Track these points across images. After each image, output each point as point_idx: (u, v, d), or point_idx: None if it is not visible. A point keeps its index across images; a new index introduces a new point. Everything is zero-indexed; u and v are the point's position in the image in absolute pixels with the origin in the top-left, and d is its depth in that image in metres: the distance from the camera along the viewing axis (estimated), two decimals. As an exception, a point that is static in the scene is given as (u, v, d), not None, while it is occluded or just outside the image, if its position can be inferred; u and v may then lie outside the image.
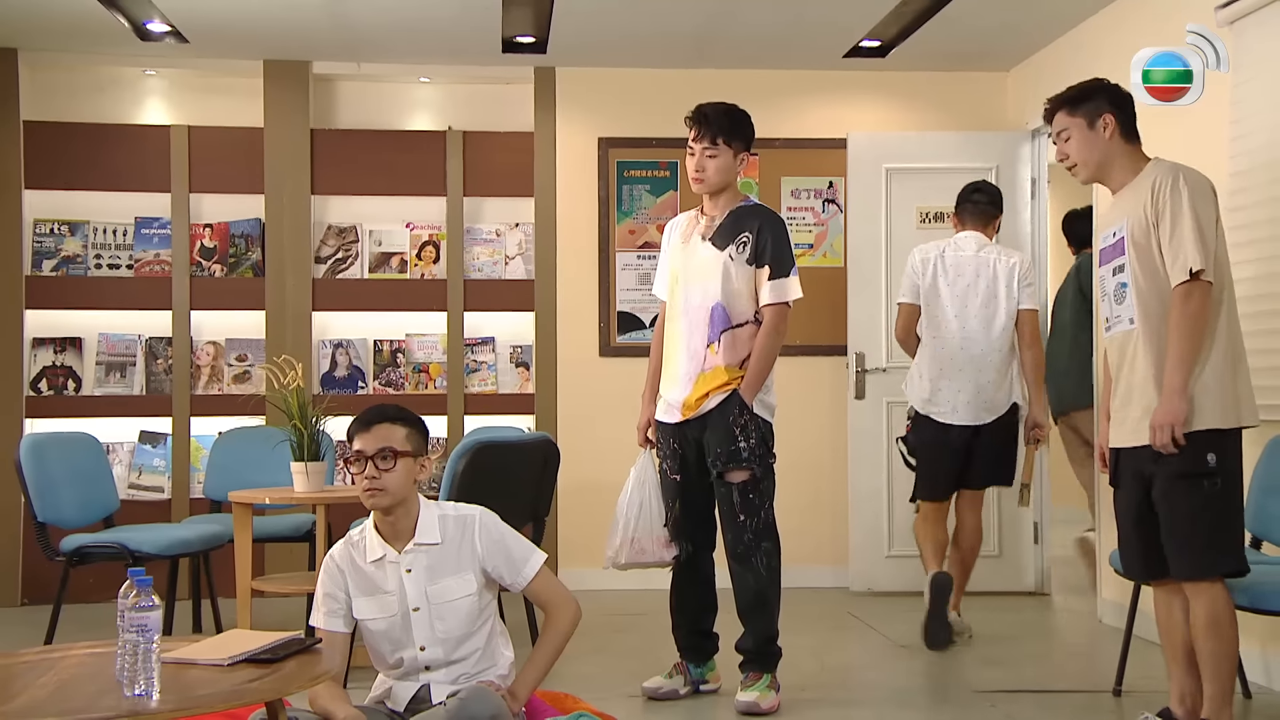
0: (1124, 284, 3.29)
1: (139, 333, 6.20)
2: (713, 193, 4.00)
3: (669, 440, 4.04)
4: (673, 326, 4.04)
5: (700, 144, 3.95)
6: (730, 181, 4.00)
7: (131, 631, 2.25)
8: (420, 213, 6.38)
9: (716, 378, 3.92)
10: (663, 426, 4.05)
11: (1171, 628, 3.37)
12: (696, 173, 3.97)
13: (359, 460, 2.89)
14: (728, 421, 3.90)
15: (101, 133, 6.13)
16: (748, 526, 3.94)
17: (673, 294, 4.06)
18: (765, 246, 3.92)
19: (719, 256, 3.94)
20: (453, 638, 2.96)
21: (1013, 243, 6.04)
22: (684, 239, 4.07)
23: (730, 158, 3.95)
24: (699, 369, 3.94)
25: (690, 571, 4.09)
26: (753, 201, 4.12)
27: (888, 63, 6.14)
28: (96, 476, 5.03)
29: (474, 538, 2.98)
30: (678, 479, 4.02)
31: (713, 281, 3.93)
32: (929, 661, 4.66)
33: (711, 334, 3.92)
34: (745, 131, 3.99)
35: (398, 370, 6.34)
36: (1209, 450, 3.17)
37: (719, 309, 3.92)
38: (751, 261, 3.92)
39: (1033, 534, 6.03)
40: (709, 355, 3.93)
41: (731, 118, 3.96)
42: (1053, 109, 3.45)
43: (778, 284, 3.93)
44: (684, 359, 3.97)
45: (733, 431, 3.89)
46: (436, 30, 5.71)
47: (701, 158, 3.95)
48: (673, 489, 4.03)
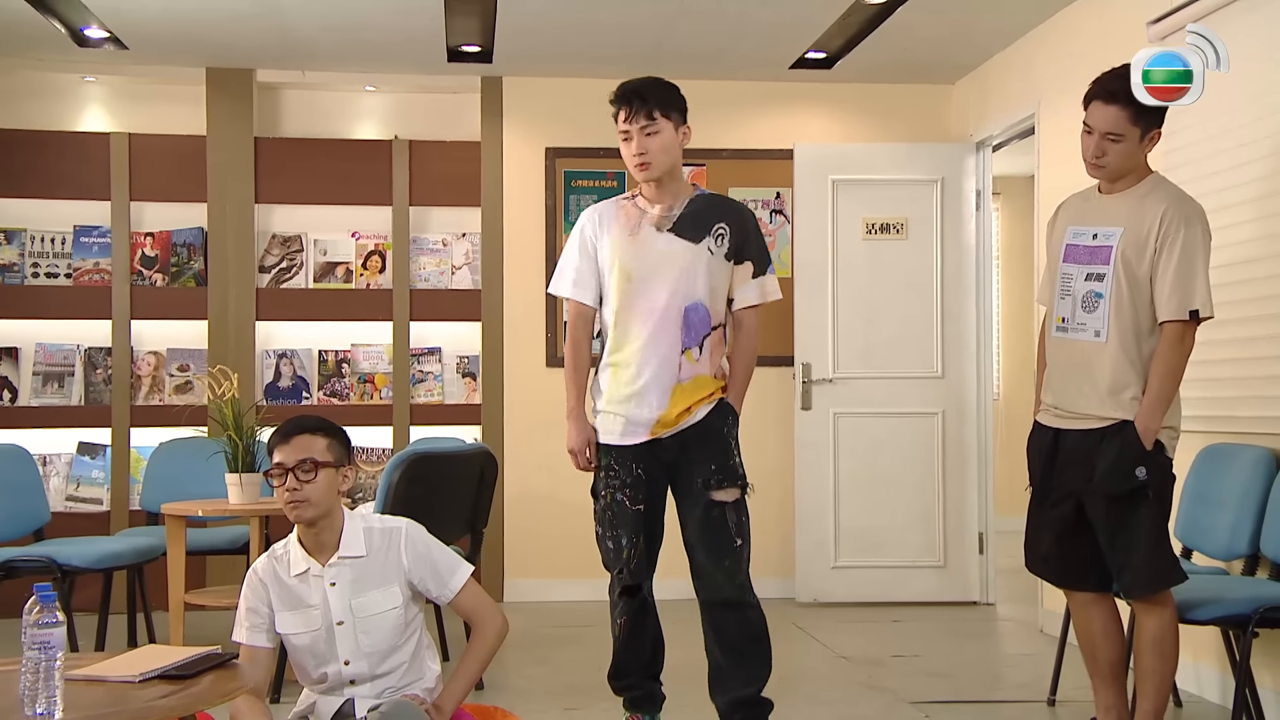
0: (1099, 294, 3.24)
1: (78, 342, 6.11)
2: (660, 176, 3.45)
3: (629, 465, 3.47)
4: (626, 331, 3.47)
5: (635, 124, 3.40)
6: (677, 161, 3.47)
7: (34, 648, 2.20)
8: (366, 222, 6.34)
9: (700, 388, 3.44)
10: (618, 451, 3.48)
11: (1091, 640, 3.37)
12: (639, 156, 3.41)
13: (280, 473, 2.85)
14: (723, 433, 3.45)
15: (39, 139, 6.04)
16: (744, 554, 3.44)
17: (621, 293, 3.46)
18: (746, 240, 3.48)
19: (694, 250, 3.42)
20: (378, 651, 2.92)
21: (957, 254, 6.09)
22: (628, 229, 3.49)
23: (672, 132, 3.43)
24: (674, 379, 3.41)
25: (643, 613, 3.58)
26: (706, 191, 3.61)
27: (834, 74, 6.17)
28: (27, 488, 4.94)
29: (400, 550, 2.94)
30: (641, 509, 3.47)
31: (688, 278, 3.41)
32: (869, 673, 4.66)
33: (688, 338, 3.41)
34: (680, 101, 3.48)
35: (343, 380, 6.28)
36: (1141, 464, 3.18)
37: (699, 310, 3.42)
38: (731, 256, 3.46)
39: (978, 544, 6.07)
40: (686, 363, 3.41)
41: (663, 87, 3.47)
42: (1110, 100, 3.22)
43: (762, 282, 3.51)
44: (653, 368, 3.42)
45: (728, 445, 3.45)
46: (381, 39, 5.68)
47: (640, 138, 3.40)
48: (633, 522, 3.47)
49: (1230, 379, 4.02)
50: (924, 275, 6.08)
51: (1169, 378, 3.18)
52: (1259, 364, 3.92)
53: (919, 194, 6.10)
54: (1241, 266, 3.94)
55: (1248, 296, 3.91)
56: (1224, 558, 3.90)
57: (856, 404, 5.97)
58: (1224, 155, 4.07)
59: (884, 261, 6.07)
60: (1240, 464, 3.86)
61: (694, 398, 3.43)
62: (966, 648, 5.18)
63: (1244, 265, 3.94)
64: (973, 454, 6.09)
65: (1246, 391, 3.98)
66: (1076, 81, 3.42)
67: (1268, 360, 3.87)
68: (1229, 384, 4.03)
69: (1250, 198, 3.97)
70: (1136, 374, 3.21)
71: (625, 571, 3.51)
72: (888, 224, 6.10)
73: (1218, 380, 4.02)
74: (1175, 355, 3.17)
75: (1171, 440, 3.23)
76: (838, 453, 6.00)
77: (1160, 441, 3.20)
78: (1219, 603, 3.39)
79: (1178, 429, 3.26)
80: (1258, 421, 3.91)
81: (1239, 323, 3.90)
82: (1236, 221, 3.96)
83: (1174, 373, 3.18)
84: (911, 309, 6.06)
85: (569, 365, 3.59)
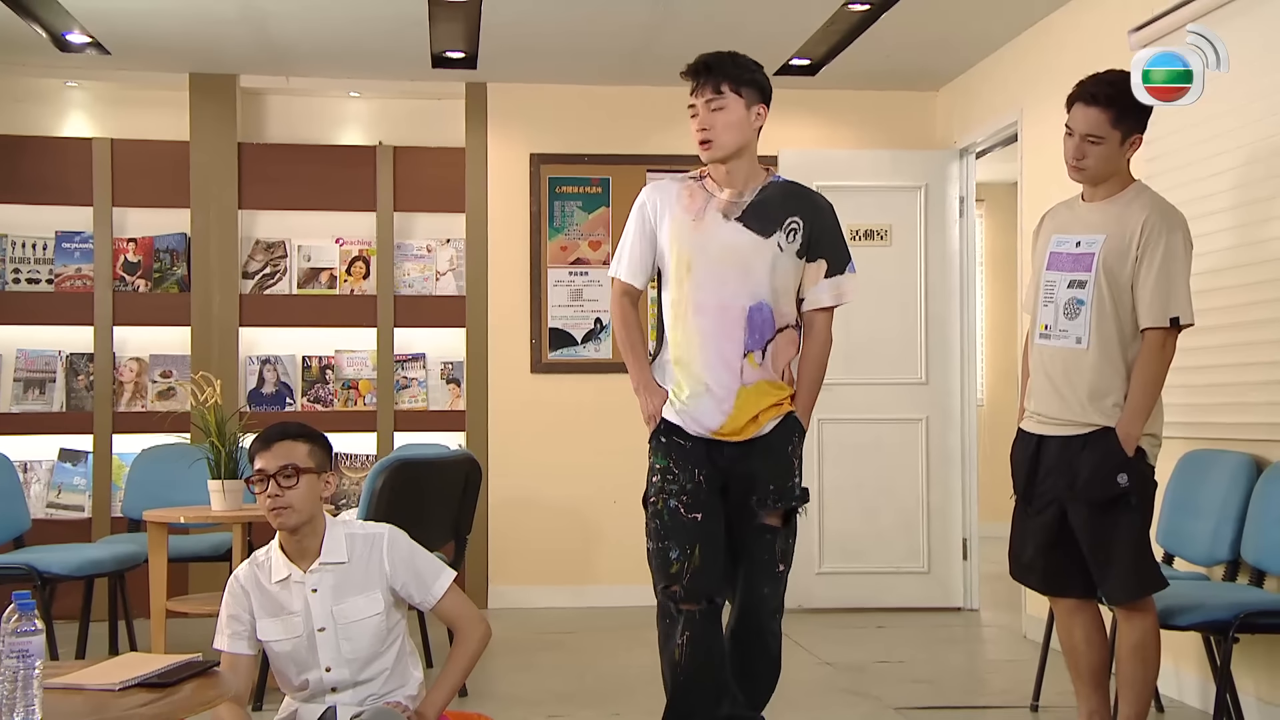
0: (1081, 301, 3.25)
1: (59, 348, 6.08)
2: (726, 158, 3.14)
3: (690, 470, 3.14)
4: (685, 323, 3.16)
5: (702, 97, 3.12)
6: (747, 143, 3.15)
7: (12, 657, 2.18)
8: (350, 228, 6.32)
9: (765, 395, 3.13)
10: (679, 452, 3.15)
11: (1074, 647, 3.38)
12: (702, 133, 3.12)
13: (261, 479, 2.84)
14: (787, 452, 3.16)
15: (20, 144, 6.02)
16: (783, 581, 3.20)
17: (681, 283, 3.16)
18: (821, 235, 3.16)
19: (763, 244, 3.12)
20: (360, 658, 2.91)
21: (940, 261, 6.11)
22: (691, 214, 3.18)
23: (742, 110, 3.11)
24: (738, 383, 3.12)
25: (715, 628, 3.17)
26: (783, 178, 3.26)
27: (818, 81, 6.19)
28: (6, 495, 4.91)
29: (382, 556, 2.93)
30: (698, 518, 3.13)
31: (755, 275, 3.11)
32: (852, 679, 4.66)
33: (751, 341, 3.12)
34: (756, 79, 3.17)
35: (326, 387, 6.26)
36: (1122, 470, 3.19)
37: (764, 310, 3.12)
38: (803, 254, 3.15)
39: (962, 550, 6.08)
40: (749, 367, 3.12)
41: (737, 62, 3.17)
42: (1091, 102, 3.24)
43: (836, 282, 3.18)
44: (714, 366, 3.12)
45: (791, 464, 3.17)
46: (365, 45, 5.67)
47: (705, 113, 3.11)
48: (687, 531, 3.12)
49: (1210, 385, 4.04)
50: (908, 281, 6.09)
51: (1150, 385, 3.19)
52: (1239, 370, 3.94)
53: (903, 200, 6.12)
54: (1221, 274, 3.96)
55: (1227, 304, 3.93)
56: (1205, 563, 3.91)
57: (840, 410, 5.97)
58: (1203, 164, 4.10)
59: (868, 268, 5.92)
60: (1221, 470, 3.88)
61: (760, 405, 3.12)
62: (950, 654, 5.18)
63: (1224, 272, 3.96)
64: (956, 460, 6.10)
65: (1227, 398, 4.01)
66: (1059, 89, 3.43)
67: (1247, 367, 3.90)
68: (1209, 390, 4.05)
69: (1229, 205, 4.00)
70: (1118, 381, 3.22)
71: (679, 587, 3.12)
72: (872, 230, 6.11)
73: (1198, 387, 4.04)
74: (1156, 362, 3.19)
75: (1153, 447, 3.24)
76: (822, 459, 6.00)
77: (1142, 448, 3.21)
78: (1200, 608, 3.40)
79: (1159, 436, 3.27)
80: (1238, 428, 3.93)
81: (1219, 329, 3.92)
82: (1216, 229, 3.98)
83: (1155, 380, 3.20)
84: (895, 315, 6.08)
85: (624, 342, 3.28)
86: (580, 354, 6.28)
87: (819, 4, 5.10)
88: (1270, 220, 3.84)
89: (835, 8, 5.12)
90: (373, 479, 4.24)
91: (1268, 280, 3.81)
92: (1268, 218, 3.85)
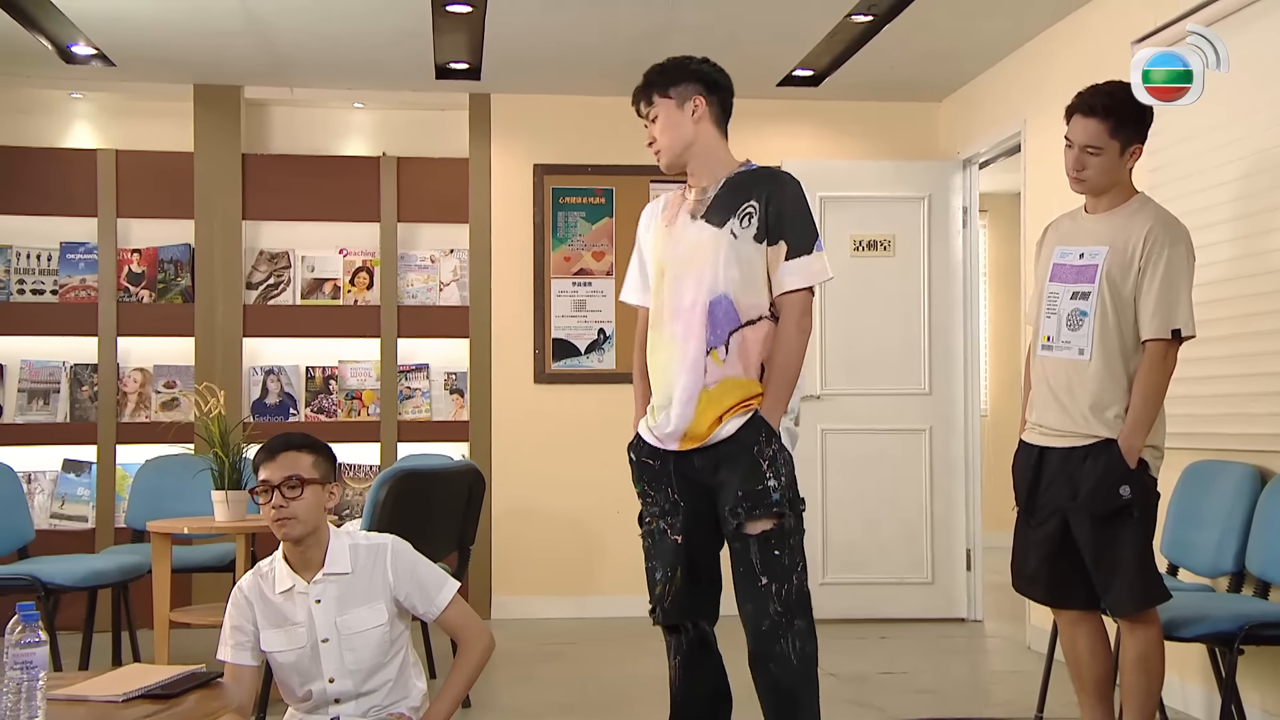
0: (1084, 312, 3.24)
1: (63, 359, 6.09)
2: (676, 160, 3.11)
3: (664, 489, 3.05)
4: (660, 333, 3.08)
5: (643, 116, 3.15)
6: (691, 139, 3.07)
7: (16, 668, 2.18)
8: (354, 238, 6.34)
9: (728, 395, 2.96)
10: (650, 473, 3.08)
11: (1077, 658, 3.37)
12: (650, 146, 3.14)
13: (265, 490, 2.84)
14: (752, 453, 2.93)
15: (25, 155, 6.04)
16: (773, 595, 2.93)
17: (658, 292, 3.10)
18: (778, 215, 2.98)
19: (718, 234, 3.00)
20: (363, 669, 2.91)
21: (944, 272, 6.12)
22: (665, 221, 3.13)
23: (674, 110, 3.07)
24: (700, 385, 2.97)
25: (703, 652, 3.10)
26: (752, 165, 3.12)
27: (821, 92, 6.20)
28: (10, 506, 4.91)
29: (385, 567, 2.94)
30: (679, 540, 3.04)
31: (710, 268, 2.98)
32: (856, 690, 4.65)
33: (713, 337, 2.97)
34: (678, 74, 3.12)
35: (330, 397, 6.27)
36: (1124, 482, 3.19)
37: (723, 303, 2.97)
38: (761, 237, 2.98)
39: (965, 561, 6.07)
40: (712, 365, 2.96)
41: (663, 68, 3.14)
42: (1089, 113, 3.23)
43: (798, 264, 2.98)
44: (679, 373, 2.99)
45: (759, 466, 2.93)
46: (369, 56, 5.68)
47: (650, 130, 3.12)
48: (670, 553, 3.04)
49: (1214, 396, 4.04)
50: (911, 292, 6.10)
51: (1152, 396, 3.19)
52: (1242, 381, 3.94)
53: (906, 211, 6.12)
54: (1225, 284, 3.96)
55: (1231, 314, 3.94)
56: (1209, 575, 3.91)
57: (844, 420, 5.97)
58: (1206, 175, 4.10)
59: (871, 278, 6.09)
60: (1225, 481, 3.87)
61: (722, 406, 2.96)
62: (954, 664, 5.18)
63: (1227, 283, 3.96)
64: (960, 470, 6.10)
65: (1230, 409, 4.00)
66: (1062, 99, 3.43)
67: (1251, 378, 3.89)
68: (1213, 401, 4.05)
69: (1232, 216, 4.00)
70: (1120, 392, 3.22)
71: (658, 609, 3.08)
72: (875, 241, 6.12)
73: (1202, 398, 4.03)
74: (1158, 374, 3.19)
75: (1155, 459, 3.24)
76: (825, 469, 6.00)
77: (1144, 460, 3.21)
78: (1205, 620, 3.39)
79: (1161, 448, 3.26)
80: (1242, 439, 3.92)
81: (1223, 340, 3.92)
82: (1219, 240, 3.98)
83: (1157, 391, 3.19)
84: (899, 325, 6.08)
85: (635, 372, 3.21)
86: (584, 364, 6.29)
87: (822, 15, 5.12)
88: (1273, 231, 3.84)
89: (838, 19, 5.13)
90: (376, 490, 4.25)
91: (1271, 291, 3.81)
92: (1271, 229, 3.85)
